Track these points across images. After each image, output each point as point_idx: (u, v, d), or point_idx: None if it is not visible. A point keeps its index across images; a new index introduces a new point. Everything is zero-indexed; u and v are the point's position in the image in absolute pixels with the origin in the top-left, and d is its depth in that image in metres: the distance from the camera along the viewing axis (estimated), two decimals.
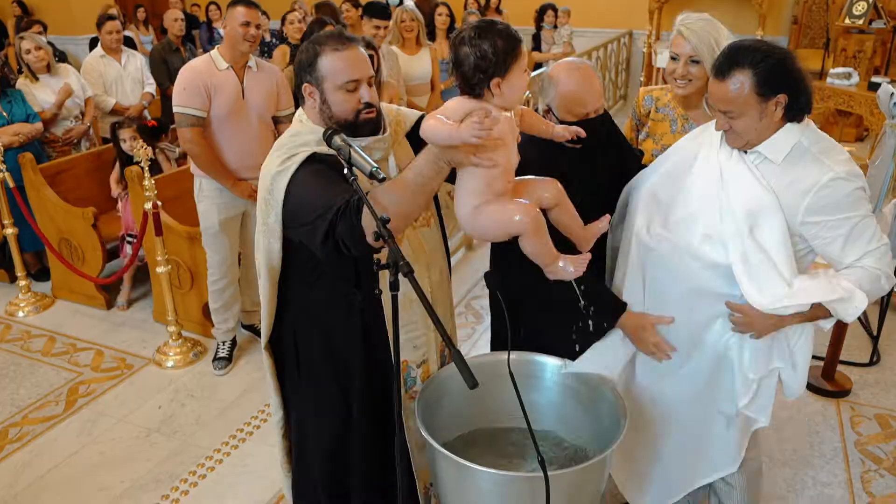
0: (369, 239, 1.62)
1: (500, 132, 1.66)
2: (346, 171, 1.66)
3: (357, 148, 1.68)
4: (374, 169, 1.61)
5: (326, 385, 2.06)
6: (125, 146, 4.28)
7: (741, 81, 1.83)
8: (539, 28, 7.56)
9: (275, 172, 1.81)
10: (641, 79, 8.94)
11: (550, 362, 2.14)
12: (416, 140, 1.94)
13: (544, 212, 1.84)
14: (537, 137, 2.20)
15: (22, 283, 4.42)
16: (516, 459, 2.05)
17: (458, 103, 1.68)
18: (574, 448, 2.11)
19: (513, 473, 1.79)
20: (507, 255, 2.18)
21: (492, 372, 1.99)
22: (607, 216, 1.98)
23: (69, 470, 3.05)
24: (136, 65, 5.39)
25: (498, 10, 8.22)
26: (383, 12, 4.84)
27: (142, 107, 5.35)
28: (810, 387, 3.42)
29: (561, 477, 1.75)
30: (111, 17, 5.22)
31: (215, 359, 3.80)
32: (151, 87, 5.47)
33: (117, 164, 4.38)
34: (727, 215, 1.93)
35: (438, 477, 1.94)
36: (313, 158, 1.81)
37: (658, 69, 8.27)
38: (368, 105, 1.85)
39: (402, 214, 1.70)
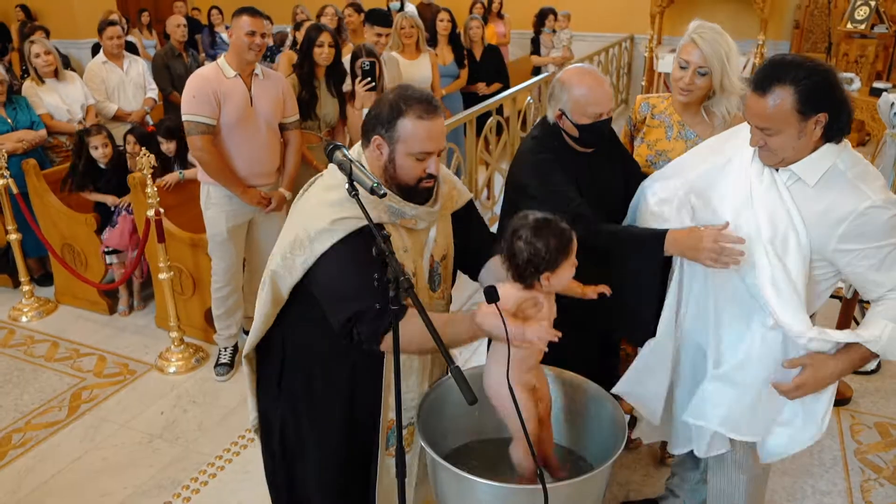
0: (384, 347, 1.75)
1: (543, 316, 1.79)
2: (347, 186, 1.68)
3: (358, 164, 1.70)
4: (375, 184, 1.64)
5: (310, 403, 2.06)
6: (96, 153, 4.27)
7: (782, 98, 1.78)
8: (538, 32, 7.57)
9: (321, 229, 1.77)
10: (643, 83, 8.95)
11: (550, 373, 2.15)
12: (456, 219, 2.05)
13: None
14: (552, 141, 2.32)
15: (25, 288, 4.45)
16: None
17: (510, 292, 1.76)
18: (577, 458, 2.13)
19: (512, 485, 1.80)
20: None
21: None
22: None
23: (72, 475, 3.07)
24: (137, 70, 5.41)
25: (500, 15, 8.23)
26: (385, 20, 4.86)
27: (144, 112, 5.37)
28: None
29: (559, 489, 1.76)
30: (112, 23, 5.24)
31: (217, 365, 3.81)
32: (153, 92, 5.49)
33: (74, 176, 4.33)
34: (755, 237, 1.91)
35: (439, 489, 1.96)
36: (360, 232, 1.75)
37: (659, 74, 8.29)
38: (430, 175, 1.85)
39: (420, 348, 1.78)
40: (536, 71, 7.40)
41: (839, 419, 3.32)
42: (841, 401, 3.43)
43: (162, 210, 3.69)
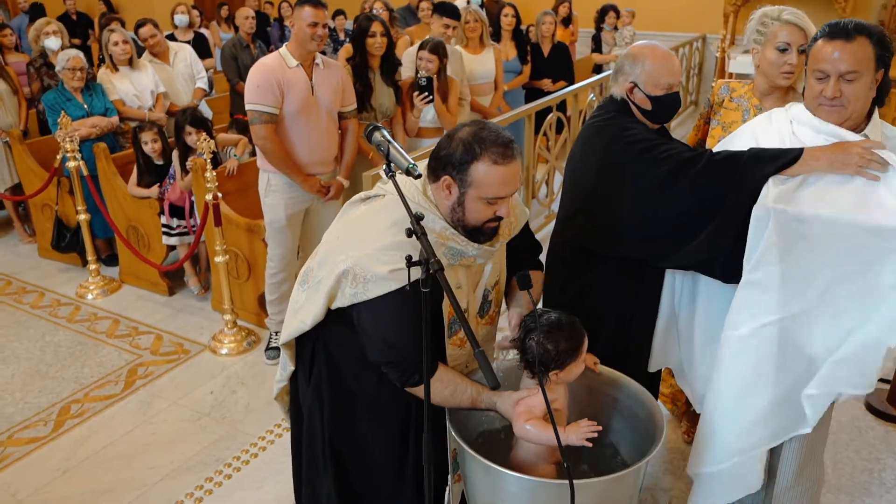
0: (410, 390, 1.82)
1: (560, 406, 1.89)
2: (384, 168, 1.68)
3: (396, 145, 1.69)
4: (411, 165, 1.64)
5: (329, 405, 2.05)
6: (146, 148, 4.41)
7: (865, 44, 1.88)
8: (599, 29, 7.43)
9: (382, 275, 1.72)
10: (713, 85, 8.66)
11: (601, 371, 2.10)
12: (511, 243, 2.04)
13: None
14: (628, 117, 2.32)
15: (92, 267, 4.63)
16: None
17: (535, 400, 1.81)
18: (614, 452, 2.08)
19: (539, 479, 1.76)
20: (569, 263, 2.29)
21: None
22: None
23: (123, 447, 3.18)
24: (185, 60, 5.46)
25: (568, 16, 8.12)
26: (454, 12, 4.86)
27: (195, 106, 5.46)
28: (874, 411, 3.26)
29: (590, 486, 1.71)
30: (143, 24, 5.24)
31: (267, 348, 3.88)
32: (203, 80, 5.54)
33: (135, 169, 4.48)
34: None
35: (468, 477, 1.93)
36: (416, 285, 1.66)
37: (731, 74, 8.01)
38: (499, 217, 1.81)
39: (442, 403, 1.85)
40: (598, 69, 7.27)
41: None
42: None
43: (220, 195, 3.77)
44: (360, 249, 1.77)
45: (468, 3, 7.16)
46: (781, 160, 1.94)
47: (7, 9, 10.98)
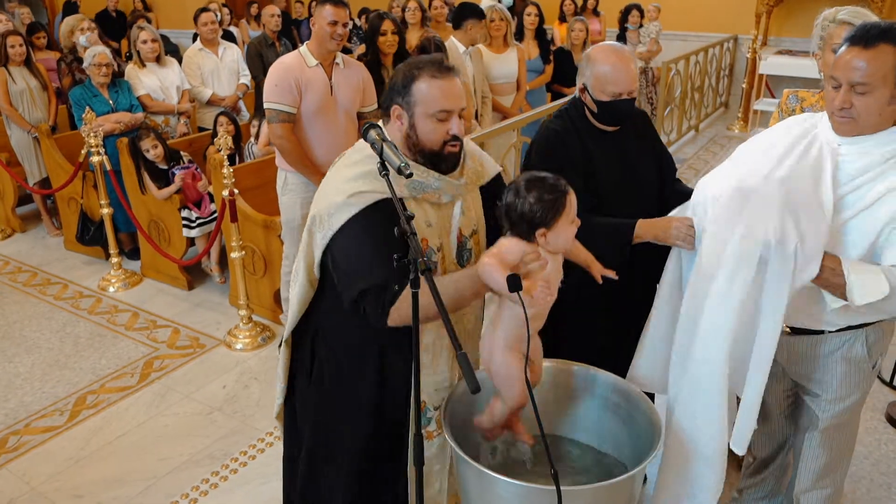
0: (391, 322, 1.74)
1: (545, 275, 1.73)
2: (377, 165, 1.67)
3: (391, 143, 1.69)
4: (403, 164, 1.63)
5: (335, 400, 2.06)
6: (148, 155, 4.47)
7: (886, 53, 1.74)
8: (623, 29, 7.34)
9: (340, 204, 1.78)
10: (744, 86, 8.53)
11: (589, 373, 2.08)
12: (487, 194, 2.00)
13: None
14: (574, 112, 2.35)
15: (114, 260, 4.71)
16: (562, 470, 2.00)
17: (513, 246, 1.72)
18: (616, 460, 2.04)
19: (530, 485, 1.73)
20: None
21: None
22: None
23: (135, 438, 3.22)
24: (232, 56, 5.61)
25: (595, 12, 8.06)
26: (478, 12, 4.84)
27: (236, 97, 5.57)
28: (893, 422, 3.16)
29: (581, 493, 1.69)
30: (205, 10, 5.46)
31: (281, 344, 3.90)
32: (246, 78, 5.68)
33: (146, 178, 4.53)
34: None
35: (462, 482, 1.92)
36: (377, 206, 1.76)
37: (761, 76, 7.87)
38: (455, 138, 1.82)
39: (426, 316, 1.71)
40: None
41: None
42: None
43: (236, 191, 3.80)
44: (322, 198, 1.85)
45: (500, 0, 7.15)
46: (626, 232, 2.14)
47: (45, 6, 11.23)
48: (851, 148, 1.87)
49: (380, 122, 1.88)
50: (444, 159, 1.83)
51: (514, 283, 1.55)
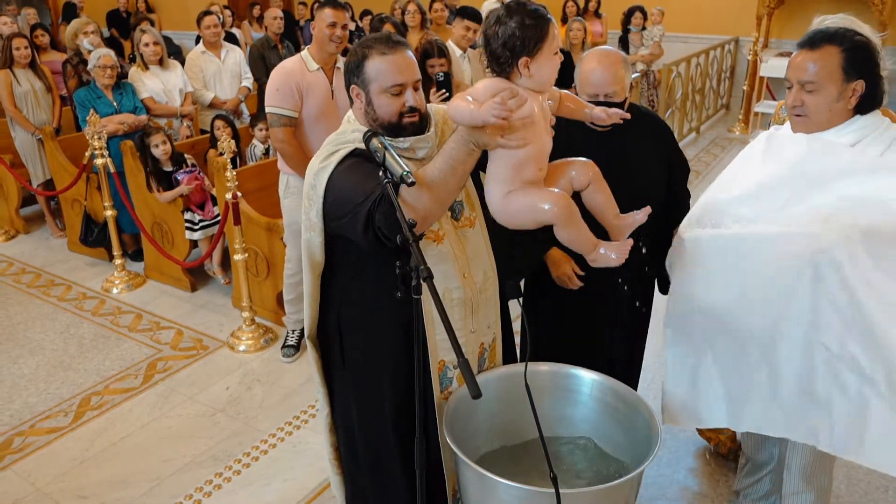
0: (409, 215, 1.66)
1: (527, 112, 1.65)
2: (381, 172, 1.70)
3: (393, 151, 1.71)
4: (405, 173, 1.64)
5: (368, 376, 2.08)
6: (157, 151, 4.49)
7: (830, 54, 1.87)
8: (626, 31, 7.35)
9: (317, 169, 1.87)
10: (745, 88, 8.55)
11: (588, 376, 2.10)
12: None
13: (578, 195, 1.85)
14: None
15: (117, 262, 4.74)
16: (562, 473, 2.03)
17: (486, 83, 1.70)
18: (617, 463, 2.07)
19: (531, 487, 1.75)
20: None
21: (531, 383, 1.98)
22: (648, 208, 1.89)
23: (139, 440, 3.25)
24: (234, 59, 5.64)
25: (597, 14, 8.08)
26: (476, 15, 4.87)
27: (238, 101, 5.60)
28: None
29: (579, 496, 1.72)
30: (208, 13, 5.48)
31: (284, 346, 3.93)
32: (248, 81, 5.71)
33: (151, 180, 4.54)
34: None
35: (463, 485, 1.94)
36: (353, 154, 1.85)
37: (762, 78, 7.89)
38: (412, 109, 1.86)
39: (438, 200, 1.73)
40: None
41: None
42: None
43: (240, 194, 3.83)
44: (307, 177, 1.92)
45: (501, 3, 7.18)
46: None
47: (48, 7, 11.27)
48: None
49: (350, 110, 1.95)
50: (404, 129, 1.87)
51: (512, 289, 1.58)
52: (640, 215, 1.86)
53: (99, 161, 4.43)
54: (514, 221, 1.80)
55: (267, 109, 3.50)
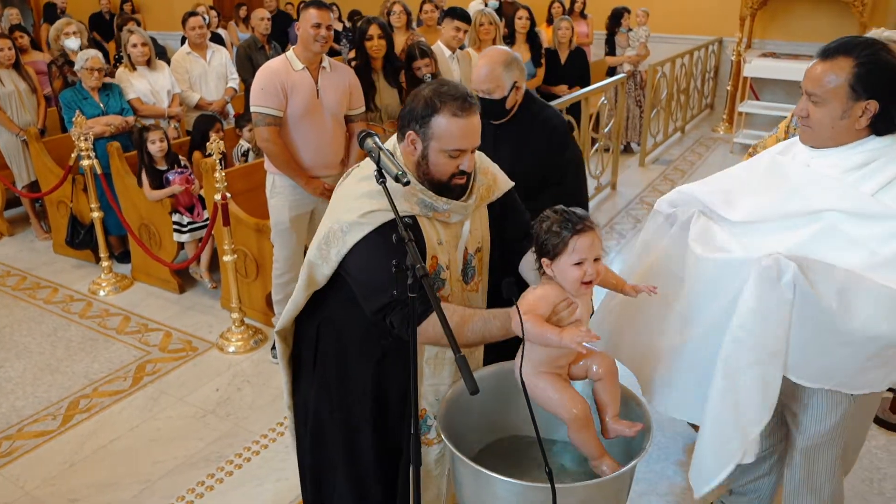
0: (421, 340, 1.75)
1: (577, 316, 1.76)
2: (375, 173, 1.71)
3: (387, 153, 1.73)
4: (400, 173, 1.66)
5: (337, 392, 2.09)
6: (153, 148, 4.46)
7: (840, 67, 1.77)
8: (613, 32, 7.40)
9: (352, 221, 1.81)
10: (728, 88, 8.64)
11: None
12: (495, 210, 2.04)
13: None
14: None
15: (104, 264, 4.71)
16: (559, 469, 2.05)
17: (541, 294, 1.74)
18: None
19: (525, 483, 1.77)
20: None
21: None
22: (640, 425, 1.84)
23: (129, 442, 3.23)
24: (220, 60, 5.62)
25: (582, 15, 8.12)
26: (465, 16, 4.89)
27: (224, 102, 5.58)
28: (876, 420, 3.23)
29: (574, 490, 1.73)
30: (193, 14, 5.46)
31: (274, 347, 3.92)
32: (235, 81, 5.69)
33: (144, 176, 4.51)
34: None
35: (458, 482, 1.96)
36: (390, 225, 1.75)
37: (746, 78, 7.97)
38: (463, 172, 1.86)
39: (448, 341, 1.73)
40: (611, 72, 7.26)
41: None
42: None
43: (229, 195, 3.82)
44: (335, 212, 1.88)
45: (486, 4, 7.21)
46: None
47: (30, 7, 11.17)
48: (821, 161, 1.90)
49: (393, 137, 1.93)
50: (450, 190, 1.87)
51: (510, 288, 1.60)
52: (631, 431, 1.84)
53: (85, 162, 4.40)
54: (536, 398, 1.82)
55: (252, 109, 3.51)
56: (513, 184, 2.13)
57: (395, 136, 1.95)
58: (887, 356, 1.80)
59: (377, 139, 1.77)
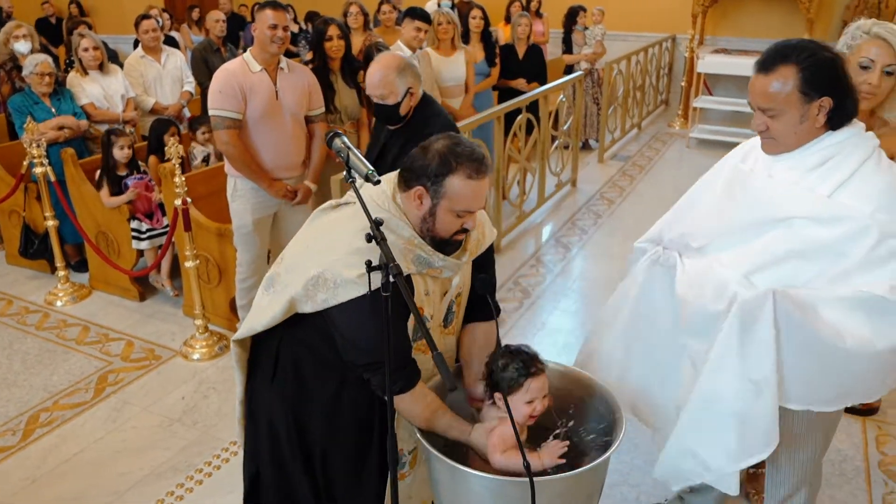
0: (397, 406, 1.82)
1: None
2: (344, 174, 1.70)
3: (356, 152, 1.72)
4: (370, 172, 1.66)
5: (296, 406, 2.03)
6: (119, 154, 4.37)
7: (785, 77, 1.78)
8: (569, 31, 7.49)
9: (349, 279, 1.74)
10: (683, 84, 8.81)
11: (549, 365, 2.14)
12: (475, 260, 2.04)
13: None
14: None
15: (61, 273, 4.59)
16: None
17: (502, 430, 1.86)
18: (591, 456, 2.10)
19: (503, 478, 1.79)
20: None
21: None
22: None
23: (93, 454, 3.16)
24: (175, 63, 5.52)
25: (538, 14, 8.19)
26: (426, 16, 4.89)
27: (180, 106, 5.48)
28: (847, 408, 3.33)
29: (551, 483, 1.75)
30: (146, 17, 5.35)
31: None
32: (191, 85, 5.60)
33: (104, 181, 4.39)
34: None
35: (433, 479, 1.96)
36: (386, 287, 1.67)
37: (699, 74, 8.13)
38: (465, 230, 1.86)
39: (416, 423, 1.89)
40: (568, 70, 7.34)
41: (864, 429, 3.22)
42: (868, 411, 3.32)
43: (189, 199, 3.76)
44: (330, 255, 1.80)
45: (439, 5, 7.21)
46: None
47: None
48: (781, 165, 1.92)
49: (393, 183, 1.89)
50: (449, 245, 1.87)
51: (484, 283, 1.61)
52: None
53: (38, 170, 4.29)
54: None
55: (210, 112, 3.47)
56: (496, 233, 2.14)
57: (393, 177, 1.90)
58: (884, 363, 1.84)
59: (345, 139, 1.76)
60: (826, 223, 1.83)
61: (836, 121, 1.83)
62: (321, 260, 1.80)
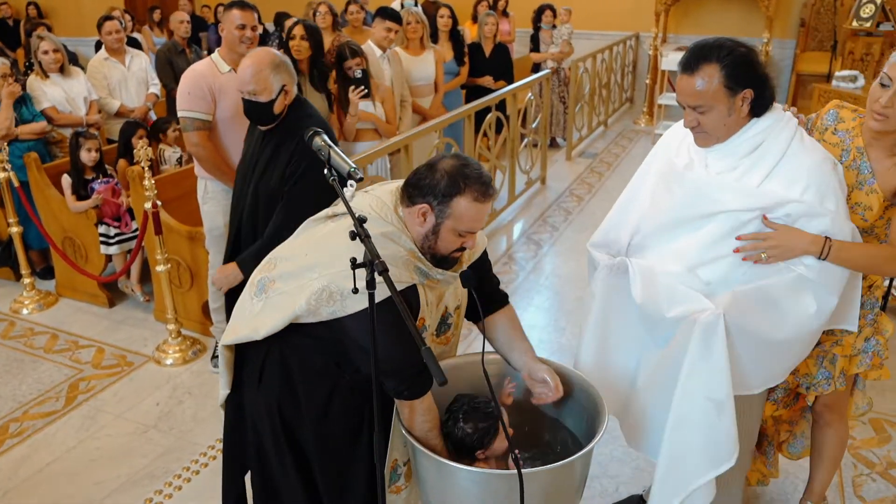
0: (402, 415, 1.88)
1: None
2: (325, 171, 1.70)
3: (337, 150, 1.72)
4: (352, 169, 1.66)
5: (280, 419, 2.02)
6: (86, 157, 4.30)
7: (710, 75, 1.90)
8: (537, 29, 7.56)
9: (358, 294, 1.68)
10: (647, 81, 8.94)
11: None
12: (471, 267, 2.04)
13: None
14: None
15: (26, 281, 4.49)
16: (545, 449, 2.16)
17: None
18: (575, 448, 2.13)
19: (490, 471, 1.81)
20: None
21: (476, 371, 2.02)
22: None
23: (67, 464, 3.10)
24: (140, 65, 5.44)
25: (504, 13, 8.24)
26: (396, 16, 4.89)
27: (146, 108, 5.41)
28: None
29: (537, 475, 1.77)
30: (109, 18, 5.27)
31: (213, 357, 3.84)
32: (156, 87, 5.52)
33: (69, 185, 4.31)
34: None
35: (420, 475, 1.97)
36: (371, 285, 1.65)
37: (663, 72, 8.26)
38: (464, 248, 1.89)
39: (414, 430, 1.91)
40: (536, 68, 7.40)
41: None
42: None
43: (159, 203, 3.71)
44: (334, 267, 1.78)
45: (402, 6, 7.22)
46: None
47: None
48: (715, 155, 2.04)
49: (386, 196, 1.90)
50: (447, 261, 1.90)
51: (468, 278, 1.63)
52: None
53: (1, 175, 4.19)
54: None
55: (179, 114, 3.42)
56: (486, 242, 2.16)
57: (395, 187, 1.91)
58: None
59: (325, 137, 1.76)
60: (759, 213, 1.98)
61: (758, 108, 1.96)
62: (323, 272, 1.80)
